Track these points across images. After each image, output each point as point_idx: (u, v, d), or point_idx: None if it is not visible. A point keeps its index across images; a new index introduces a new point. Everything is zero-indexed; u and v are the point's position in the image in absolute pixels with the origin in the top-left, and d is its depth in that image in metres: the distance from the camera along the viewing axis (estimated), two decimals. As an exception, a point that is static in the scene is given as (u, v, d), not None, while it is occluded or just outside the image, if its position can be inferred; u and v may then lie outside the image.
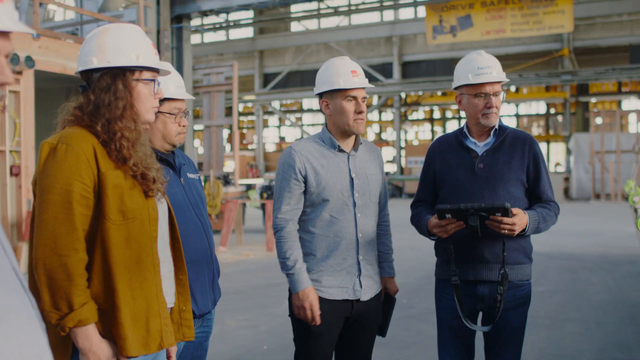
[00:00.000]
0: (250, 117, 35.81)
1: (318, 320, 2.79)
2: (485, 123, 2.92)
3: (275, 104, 32.73)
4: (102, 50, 2.01)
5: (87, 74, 2.05)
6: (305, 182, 2.83)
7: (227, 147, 24.14)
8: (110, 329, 1.90)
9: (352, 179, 2.87)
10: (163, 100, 2.54)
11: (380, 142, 33.09)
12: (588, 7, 24.92)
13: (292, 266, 2.80)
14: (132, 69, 2.03)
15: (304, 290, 2.78)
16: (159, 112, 2.51)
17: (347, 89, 2.82)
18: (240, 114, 35.43)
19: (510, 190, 2.89)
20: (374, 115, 33.93)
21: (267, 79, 32.28)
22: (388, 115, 33.11)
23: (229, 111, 15.77)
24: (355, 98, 2.84)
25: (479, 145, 2.97)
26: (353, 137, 2.94)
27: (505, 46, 27.16)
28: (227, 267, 9.72)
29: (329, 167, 2.85)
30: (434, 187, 3.08)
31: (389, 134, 33.14)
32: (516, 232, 2.74)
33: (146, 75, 2.06)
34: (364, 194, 2.90)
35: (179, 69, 15.91)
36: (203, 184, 14.23)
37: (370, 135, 34.86)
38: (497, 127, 2.96)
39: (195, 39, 32.75)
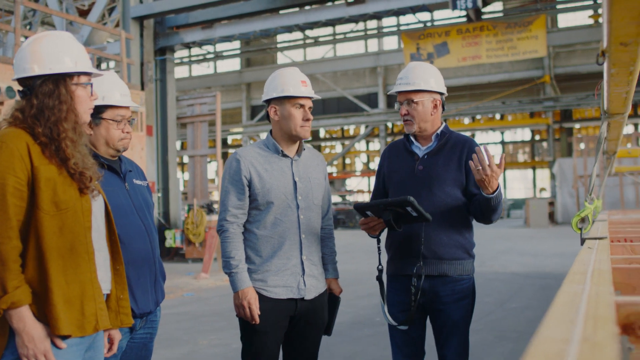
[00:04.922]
0: (238, 149, 36.02)
1: (257, 319, 2.89)
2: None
3: (263, 136, 32.95)
4: (41, 58, 2.16)
5: (26, 80, 2.19)
6: (250, 185, 2.97)
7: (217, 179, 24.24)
8: (44, 312, 2.02)
9: (295, 183, 3.02)
10: (107, 108, 2.68)
11: (368, 171, 33.35)
12: (568, 34, 25.50)
13: (236, 265, 2.92)
14: (71, 75, 2.19)
15: (243, 289, 2.89)
16: (102, 118, 2.66)
17: (296, 96, 3.00)
18: (228, 146, 35.67)
19: (447, 189, 3.05)
20: (361, 145, 34.25)
21: (254, 111, 32.63)
22: (375, 144, 33.44)
23: (215, 143, 15.93)
24: (303, 106, 3.03)
25: (421, 149, 3.17)
26: (297, 143, 3.10)
27: (488, 74, 27.66)
28: (207, 292, 9.79)
29: (273, 171, 3.00)
30: (384, 188, 3.28)
31: (376, 164, 33.40)
32: (490, 182, 2.79)
33: (83, 79, 2.23)
34: (307, 197, 3.04)
35: (163, 100, 16.13)
36: (192, 209, 14.33)
37: (358, 165, 35.13)
38: (439, 132, 3.15)
39: (183, 72, 33.18)
